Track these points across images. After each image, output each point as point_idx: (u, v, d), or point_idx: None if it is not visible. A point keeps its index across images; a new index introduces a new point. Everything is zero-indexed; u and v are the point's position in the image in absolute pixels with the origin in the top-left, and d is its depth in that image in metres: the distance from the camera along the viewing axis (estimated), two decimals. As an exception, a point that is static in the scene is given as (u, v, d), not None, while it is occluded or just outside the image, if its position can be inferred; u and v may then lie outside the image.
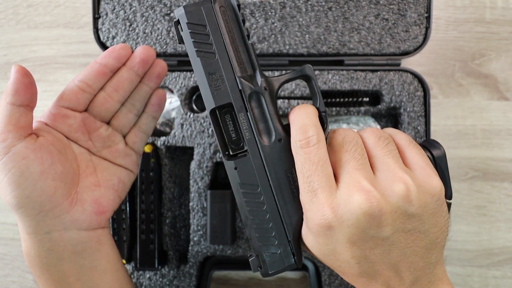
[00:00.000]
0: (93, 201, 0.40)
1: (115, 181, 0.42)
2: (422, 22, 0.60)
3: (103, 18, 0.61)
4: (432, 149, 0.37)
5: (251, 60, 0.36)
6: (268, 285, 0.65)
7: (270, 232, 0.37)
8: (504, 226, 0.64)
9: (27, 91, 0.40)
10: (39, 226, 0.37)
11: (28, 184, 0.36)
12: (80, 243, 0.39)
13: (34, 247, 0.38)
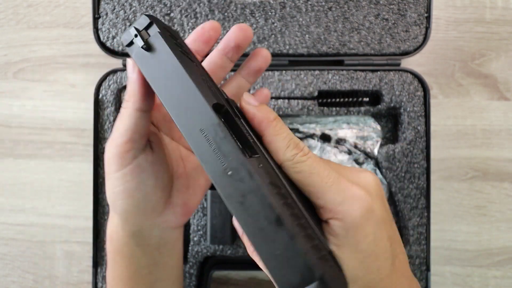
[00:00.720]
0: (183, 204, 0.40)
1: (203, 181, 0.41)
2: (422, 22, 0.60)
3: (103, 18, 0.61)
4: None
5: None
6: (268, 285, 0.65)
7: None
8: (504, 226, 0.64)
9: (152, 94, 0.35)
10: (134, 225, 0.38)
11: (139, 196, 0.36)
12: (162, 239, 0.40)
13: (123, 239, 0.38)
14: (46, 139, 0.66)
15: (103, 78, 0.61)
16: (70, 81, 0.66)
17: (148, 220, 0.38)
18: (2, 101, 0.67)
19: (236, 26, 0.36)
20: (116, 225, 0.38)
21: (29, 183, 0.66)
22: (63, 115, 0.66)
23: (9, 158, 0.67)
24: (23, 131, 0.66)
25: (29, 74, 0.67)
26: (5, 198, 0.66)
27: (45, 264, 0.66)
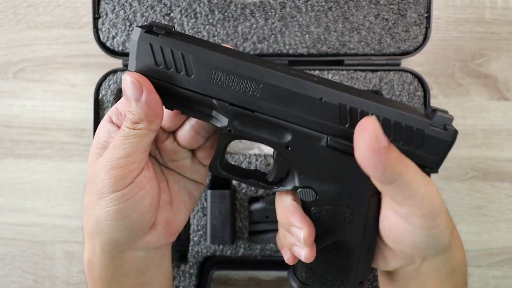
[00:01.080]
0: (166, 223, 0.38)
1: (186, 196, 0.40)
2: (422, 22, 0.60)
3: (103, 18, 0.61)
4: None
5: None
6: (268, 286, 0.65)
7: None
8: (504, 226, 0.64)
9: (162, 112, 0.33)
10: (116, 246, 0.36)
11: (134, 216, 0.34)
12: (145, 260, 0.38)
13: (103, 262, 0.36)
14: (46, 139, 0.66)
15: (103, 78, 0.61)
16: (70, 81, 0.66)
17: (132, 243, 0.36)
18: (2, 101, 0.67)
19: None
20: (95, 249, 0.36)
21: (29, 183, 0.66)
22: (63, 115, 0.66)
23: (9, 158, 0.67)
24: (23, 131, 0.66)
25: (29, 74, 0.67)
26: (5, 198, 0.66)
27: (45, 264, 0.66)
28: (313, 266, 0.38)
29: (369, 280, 0.59)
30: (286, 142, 0.33)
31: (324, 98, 0.31)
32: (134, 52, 0.32)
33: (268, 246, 0.60)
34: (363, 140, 0.28)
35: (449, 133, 0.31)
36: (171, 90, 0.32)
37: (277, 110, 0.32)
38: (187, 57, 0.31)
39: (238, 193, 0.59)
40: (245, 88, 0.31)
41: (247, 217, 0.59)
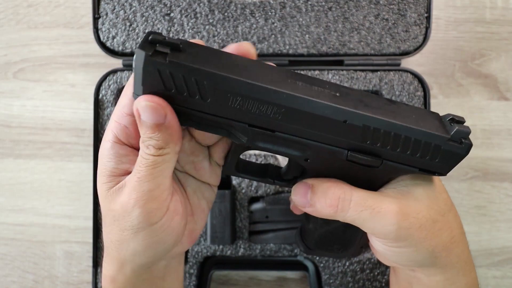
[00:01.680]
0: (189, 233, 0.37)
1: (205, 205, 0.39)
2: (422, 22, 0.60)
3: (103, 18, 0.61)
4: None
5: None
6: (268, 285, 0.65)
7: None
8: (504, 226, 0.64)
9: (179, 131, 0.31)
10: (147, 264, 0.35)
11: (171, 241, 0.34)
12: (167, 268, 0.38)
13: (130, 280, 0.36)
14: (46, 139, 0.66)
15: (103, 78, 0.61)
16: (70, 81, 0.66)
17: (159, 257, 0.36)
18: (2, 101, 0.67)
19: (238, 45, 0.32)
20: (124, 270, 0.35)
21: (29, 183, 0.66)
22: (63, 115, 0.66)
23: (9, 158, 0.67)
24: (23, 131, 0.66)
25: (29, 74, 0.67)
26: (5, 198, 0.66)
27: (45, 264, 0.66)
28: (322, 239, 0.41)
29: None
30: (306, 155, 0.33)
31: (348, 121, 0.30)
32: (139, 77, 0.28)
33: (268, 246, 0.60)
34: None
35: (465, 147, 0.31)
36: (184, 111, 0.30)
37: (299, 131, 0.31)
38: (201, 83, 0.28)
39: (238, 193, 0.59)
40: (266, 112, 0.30)
41: (247, 217, 0.59)
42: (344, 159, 0.32)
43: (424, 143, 0.31)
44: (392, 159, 0.32)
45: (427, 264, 0.36)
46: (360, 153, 0.32)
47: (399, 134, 0.31)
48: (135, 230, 0.31)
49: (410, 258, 0.35)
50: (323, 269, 0.59)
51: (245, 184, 0.59)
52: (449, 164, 0.32)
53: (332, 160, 0.33)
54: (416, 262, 0.36)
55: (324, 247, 0.42)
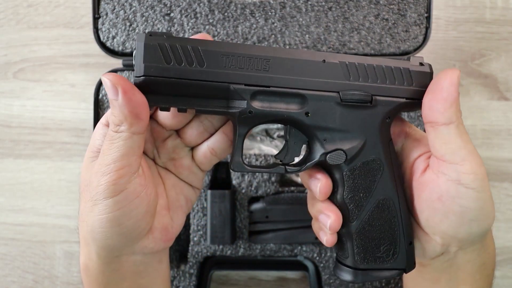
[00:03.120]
0: (163, 229, 0.38)
1: (183, 201, 0.40)
2: (422, 22, 0.60)
3: (103, 18, 0.61)
4: None
5: None
6: (268, 285, 0.65)
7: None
8: (504, 226, 0.64)
9: (146, 113, 0.32)
10: (111, 252, 0.36)
11: (129, 223, 0.34)
12: (142, 264, 0.38)
13: (99, 267, 0.36)
14: (46, 139, 0.66)
15: (103, 78, 0.61)
16: (70, 81, 0.66)
17: (127, 248, 0.36)
18: (2, 101, 0.67)
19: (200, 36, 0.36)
20: (91, 255, 0.36)
21: (29, 183, 0.66)
22: (63, 115, 0.66)
23: (9, 158, 0.67)
24: (23, 131, 0.66)
25: (29, 74, 0.67)
26: (5, 198, 0.66)
27: (45, 264, 0.66)
28: (363, 241, 0.38)
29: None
30: (304, 109, 0.36)
31: (326, 60, 0.35)
32: (141, 55, 0.32)
33: (268, 246, 0.60)
34: (449, 75, 0.34)
35: (426, 66, 0.38)
36: (185, 85, 0.33)
37: (289, 80, 0.35)
38: (196, 49, 0.33)
39: (238, 193, 0.59)
40: (256, 66, 0.34)
41: (247, 217, 0.59)
42: (339, 103, 0.36)
43: (395, 68, 0.37)
44: (378, 92, 0.37)
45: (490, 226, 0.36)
46: (350, 90, 0.36)
47: (371, 64, 0.36)
48: (92, 201, 0.33)
49: (487, 210, 0.34)
50: (323, 269, 0.59)
51: (245, 184, 0.59)
52: (425, 86, 0.36)
53: (330, 108, 0.36)
54: (488, 218, 0.35)
55: (371, 255, 0.38)
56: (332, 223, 0.36)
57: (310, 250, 0.59)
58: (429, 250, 0.37)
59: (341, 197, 0.37)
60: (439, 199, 0.35)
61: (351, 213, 0.37)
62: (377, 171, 0.37)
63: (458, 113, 0.33)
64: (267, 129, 0.62)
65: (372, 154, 0.37)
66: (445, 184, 0.34)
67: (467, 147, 0.33)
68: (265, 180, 0.59)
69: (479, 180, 0.33)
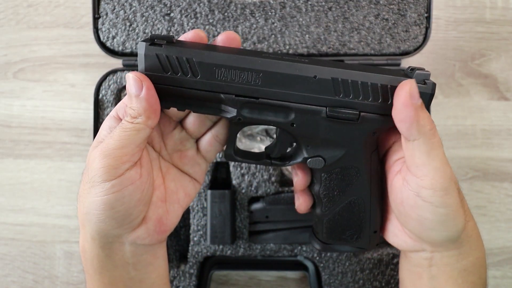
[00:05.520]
0: (157, 220, 0.38)
1: (181, 195, 0.41)
2: (422, 22, 0.60)
3: (103, 18, 0.61)
4: None
5: None
6: (268, 285, 0.65)
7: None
8: (504, 226, 0.64)
9: (159, 110, 0.36)
10: (105, 237, 0.37)
11: (121, 208, 0.35)
12: (135, 255, 0.39)
13: (93, 250, 0.37)
14: (46, 139, 0.66)
15: (103, 78, 0.61)
16: (70, 81, 0.66)
17: (121, 235, 0.37)
18: (2, 101, 0.67)
19: (224, 35, 0.38)
20: (86, 237, 0.37)
21: (29, 183, 0.66)
22: (63, 115, 0.66)
23: (9, 158, 0.67)
24: (23, 131, 0.66)
25: (29, 74, 0.67)
26: (5, 198, 0.66)
27: (45, 264, 0.66)
28: (331, 225, 0.43)
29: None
30: (290, 120, 0.37)
31: (318, 76, 0.35)
32: (142, 64, 0.35)
33: (268, 246, 0.60)
34: (400, 95, 0.33)
35: (429, 86, 0.36)
36: (181, 92, 0.36)
37: (278, 94, 0.36)
38: (191, 61, 0.35)
39: (238, 193, 0.59)
40: (247, 79, 0.35)
41: (247, 217, 0.59)
42: (325, 117, 0.36)
43: (391, 87, 0.35)
44: (367, 110, 0.36)
45: (456, 238, 0.37)
46: (337, 107, 0.36)
47: (366, 82, 0.36)
48: (90, 183, 0.34)
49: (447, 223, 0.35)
50: (323, 269, 0.59)
51: (245, 184, 0.59)
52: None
53: (315, 121, 0.37)
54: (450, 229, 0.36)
55: (337, 236, 0.43)
56: (299, 206, 0.44)
57: (310, 250, 0.59)
58: (401, 240, 0.40)
59: (318, 191, 0.41)
60: (401, 203, 0.37)
61: (324, 205, 0.42)
62: (353, 176, 0.40)
63: (422, 128, 0.33)
64: (267, 129, 0.62)
65: (351, 162, 0.39)
66: (407, 192, 0.36)
67: (431, 164, 0.34)
68: (265, 180, 0.59)
69: (438, 196, 0.34)
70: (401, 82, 0.34)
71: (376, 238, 0.43)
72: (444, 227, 0.36)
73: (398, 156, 0.39)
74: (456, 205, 0.35)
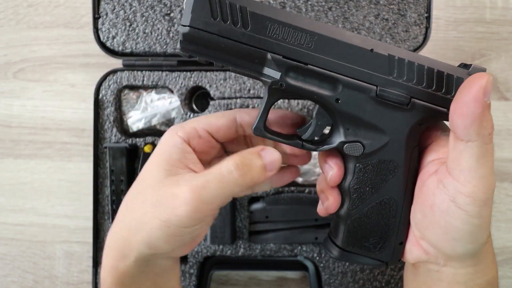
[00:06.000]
0: (192, 240, 0.38)
1: (215, 210, 0.39)
2: (422, 22, 0.60)
3: (103, 18, 0.61)
4: None
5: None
6: (268, 285, 0.65)
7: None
8: (504, 226, 0.64)
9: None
10: (153, 258, 0.36)
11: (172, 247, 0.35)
12: (166, 266, 0.39)
13: (131, 270, 0.36)
14: (46, 139, 0.66)
15: (103, 78, 0.61)
16: (70, 81, 0.66)
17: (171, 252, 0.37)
18: (2, 101, 0.67)
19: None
20: (127, 258, 0.36)
21: (29, 183, 0.66)
22: (63, 115, 0.66)
23: (9, 158, 0.67)
24: (23, 131, 0.66)
25: (29, 74, 0.67)
26: (5, 198, 0.66)
27: (45, 264, 0.66)
28: (355, 228, 0.38)
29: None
30: (336, 94, 0.34)
31: (374, 49, 0.33)
32: (190, 5, 0.32)
33: (268, 246, 0.60)
34: (472, 87, 0.29)
35: None
36: (224, 44, 0.32)
37: (330, 62, 0.33)
38: (244, 10, 0.32)
39: (238, 193, 0.59)
40: (299, 41, 0.33)
41: (247, 217, 0.59)
42: (374, 97, 0.34)
43: (447, 75, 0.33)
44: (419, 96, 0.34)
45: (476, 251, 0.35)
46: (389, 87, 0.33)
47: (423, 65, 0.33)
48: (170, 222, 0.33)
49: (475, 235, 0.33)
50: (323, 269, 0.59)
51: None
52: None
53: (362, 100, 0.34)
54: (474, 242, 0.34)
55: (358, 242, 0.39)
56: (329, 206, 0.38)
57: (310, 250, 0.59)
58: (412, 252, 0.37)
59: (348, 185, 0.37)
60: (431, 207, 0.34)
61: (352, 202, 0.38)
62: (390, 172, 0.36)
63: (483, 131, 0.30)
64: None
65: (391, 155, 0.36)
66: (440, 196, 0.33)
67: (478, 170, 0.31)
68: (265, 180, 0.59)
69: (475, 205, 0.31)
70: (476, 73, 0.30)
71: (400, 251, 0.38)
72: (472, 238, 0.33)
73: (435, 156, 0.36)
74: (489, 218, 0.33)
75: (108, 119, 0.61)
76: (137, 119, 0.62)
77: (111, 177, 0.59)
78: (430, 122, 0.36)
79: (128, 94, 0.63)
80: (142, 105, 0.62)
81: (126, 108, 0.63)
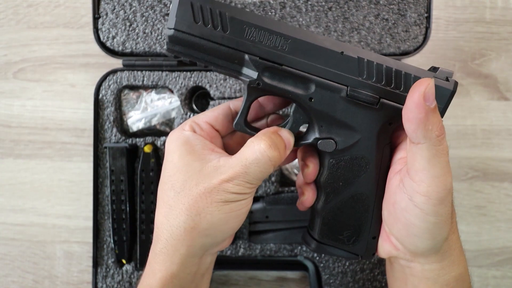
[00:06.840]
0: (232, 235, 0.41)
1: (245, 209, 0.39)
2: (422, 22, 0.60)
3: (103, 18, 0.61)
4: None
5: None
6: (268, 285, 0.65)
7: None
8: (504, 226, 0.64)
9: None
10: (199, 252, 0.37)
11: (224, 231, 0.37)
12: (209, 264, 0.40)
13: (179, 269, 0.37)
14: (46, 139, 0.66)
15: (103, 78, 0.61)
16: (70, 81, 0.66)
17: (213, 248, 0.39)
18: (2, 101, 0.67)
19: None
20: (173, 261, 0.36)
21: (29, 183, 0.66)
22: (63, 115, 0.66)
23: (9, 158, 0.67)
24: (23, 131, 0.66)
25: (29, 74, 0.67)
26: (5, 198, 0.66)
27: (45, 264, 0.66)
28: (330, 221, 0.41)
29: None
30: (309, 94, 0.37)
31: (344, 52, 0.35)
32: (175, 10, 0.35)
33: (268, 246, 0.60)
34: (414, 93, 0.31)
35: (451, 82, 0.36)
36: (206, 46, 0.35)
37: (303, 64, 0.36)
38: (223, 15, 0.35)
39: (238, 193, 0.59)
40: (275, 43, 0.35)
41: (247, 217, 0.59)
42: (345, 97, 0.36)
43: (414, 77, 0.35)
44: (387, 97, 0.36)
45: (437, 247, 0.36)
46: (359, 88, 0.36)
47: (391, 67, 0.35)
48: (225, 200, 0.35)
49: (433, 232, 0.35)
50: (323, 269, 0.59)
51: None
52: (442, 102, 0.36)
53: (334, 99, 0.36)
54: (433, 239, 0.35)
55: (333, 235, 0.41)
56: (304, 201, 0.41)
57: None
58: (384, 247, 0.40)
59: (322, 180, 0.40)
60: (393, 204, 0.37)
61: (326, 196, 0.40)
62: (362, 168, 0.39)
63: (429, 133, 0.31)
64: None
65: (363, 152, 0.38)
66: (400, 194, 0.35)
67: (430, 171, 0.33)
68: (265, 180, 0.59)
69: (430, 204, 0.33)
70: (419, 80, 0.32)
71: (374, 246, 0.41)
72: (430, 235, 0.35)
73: (402, 155, 0.38)
74: (446, 215, 0.34)
75: (108, 119, 0.61)
76: (137, 119, 0.62)
77: (111, 177, 0.59)
78: (399, 121, 0.37)
79: (128, 94, 0.63)
80: (142, 105, 0.62)
81: (126, 108, 0.63)
